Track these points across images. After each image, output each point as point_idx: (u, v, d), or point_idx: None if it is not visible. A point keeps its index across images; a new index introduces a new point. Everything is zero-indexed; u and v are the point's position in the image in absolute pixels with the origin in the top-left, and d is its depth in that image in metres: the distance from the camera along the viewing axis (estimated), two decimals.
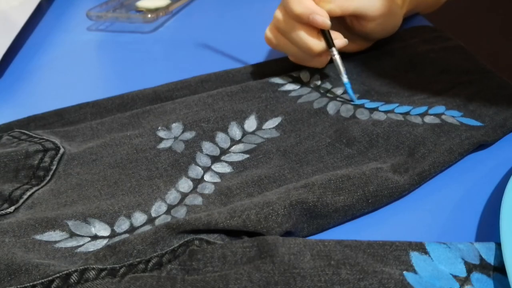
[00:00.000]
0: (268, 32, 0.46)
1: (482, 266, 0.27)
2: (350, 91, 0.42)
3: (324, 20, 0.41)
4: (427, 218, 0.33)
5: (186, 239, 0.29)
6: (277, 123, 0.40)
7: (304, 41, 0.42)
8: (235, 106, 0.41)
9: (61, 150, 0.38)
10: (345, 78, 0.42)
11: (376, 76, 0.45)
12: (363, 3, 0.43)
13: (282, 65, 0.49)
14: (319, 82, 0.45)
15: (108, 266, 0.28)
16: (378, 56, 0.48)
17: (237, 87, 0.44)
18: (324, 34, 0.42)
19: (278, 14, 0.44)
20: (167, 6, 0.66)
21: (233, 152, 0.37)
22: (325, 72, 0.46)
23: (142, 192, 0.34)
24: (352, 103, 0.42)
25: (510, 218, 0.29)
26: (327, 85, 0.44)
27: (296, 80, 0.45)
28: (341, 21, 0.47)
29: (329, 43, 0.42)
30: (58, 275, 0.27)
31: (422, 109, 0.40)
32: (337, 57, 0.43)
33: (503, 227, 0.28)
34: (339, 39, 0.43)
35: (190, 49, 0.58)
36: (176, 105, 0.42)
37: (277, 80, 0.45)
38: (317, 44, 0.42)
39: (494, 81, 0.42)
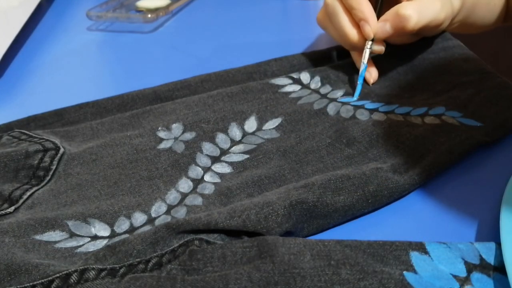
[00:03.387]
0: (319, 13, 0.48)
1: (482, 266, 0.27)
2: (361, 78, 0.43)
3: (370, 33, 0.42)
4: (427, 218, 0.33)
5: (186, 239, 0.29)
6: (277, 124, 0.40)
7: (343, 28, 0.43)
8: (235, 107, 0.41)
9: (61, 150, 0.38)
10: (363, 65, 0.43)
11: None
12: (422, 25, 0.42)
13: (282, 65, 0.49)
14: (319, 84, 0.45)
15: (108, 266, 0.28)
16: (377, 57, 0.48)
17: (237, 88, 0.44)
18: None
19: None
20: (167, 6, 0.66)
21: (233, 153, 0.37)
22: (325, 74, 0.46)
23: (142, 192, 0.34)
24: (351, 102, 0.42)
25: (510, 218, 0.29)
26: (327, 88, 0.44)
27: (296, 82, 0.45)
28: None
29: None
30: (58, 275, 0.27)
31: (422, 109, 0.40)
32: (369, 50, 0.43)
33: (503, 227, 0.28)
34: (380, 45, 0.44)
35: (190, 49, 0.58)
36: (176, 106, 0.42)
37: (277, 81, 0.45)
38: (354, 35, 0.43)
39: (494, 82, 0.42)
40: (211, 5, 0.71)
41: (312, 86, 0.44)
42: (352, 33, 0.43)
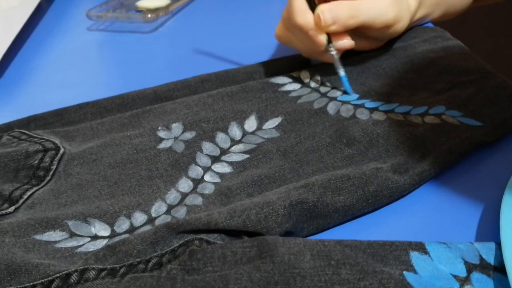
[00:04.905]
0: (278, 30, 0.47)
1: (482, 266, 0.27)
2: (346, 84, 0.43)
3: (321, 39, 0.42)
4: (427, 218, 0.32)
5: (186, 239, 0.29)
6: (277, 123, 0.40)
7: (309, 38, 0.43)
8: (235, 106, 0.41)
9: (61, 150, 0.38)
10: (342, 72, 0.43)
11: (376, 76, 0.45)
12: (369, 17, 0.42)
13: (282, 65, 0.49)
14: (319, 83, 0.45)
15: (108, 266, 0.28)
16: (378, 56, 0.48)
17: (237, 87, 0.44)
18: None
19: (285, 13, 0.45)
20: (167, 6, 0.66)
21: (233, 152, 0.37)
22: (325, 72, 0.46)
23: (142, 192, 0.34)
24: (351, 101, 0.42)
25: (510, 218, 0.29)
26: (327, 86, 0.44)
27: (296, 80, 0.45)
28: None
29: (327, 39, 0.43)
30: (58, 275, 0.27)
31: (422, 109, 0.40)
32: (333, 52, 0.43)
33: (503, 227, 0.28)
34: (346, 40, 0.43)
35: (190, 49, 0.58)
36: (176, 105, 0.42)
37: (277, 80, 0.45)
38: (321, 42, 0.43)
39: (494, 81, 0.42)
40: (211, 5, 0.71)
41: (312, 84, 0.44)
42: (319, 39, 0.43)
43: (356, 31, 0.45)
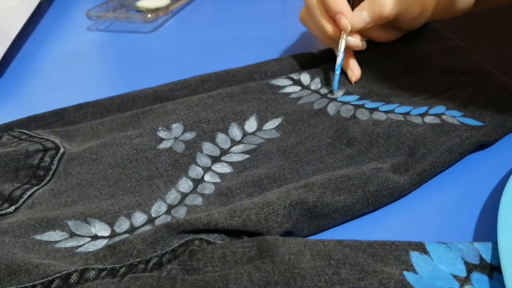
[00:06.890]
0: (301, 11, 0.49)
1: (482, 266, 0.27)
2: (338, 69, 0.43)
3: (347, 25, 0.43)
4: (427, 218, 0.33)
5: (186, 239, 0.29)
6: (277, 124, 0.40)
7: (321, 22, 0.44)
8: (236, 107, 0.41)
9: (61, 150, 0.38)
10: (340, 54, 0.43)
11: (376, 78, 0.45)
12: (398, 11, 0.43)
13: (282, 64, 0.49)
14: (319, 85, 0.45)
15: (108, 266, 0.28)
16: (377, 58, 0.48)
17: (237, 88, 0.44)
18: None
19: None
20: (167, 6, 0.66)
21: (233, 153, 0.37)
22: (325, 75, 0.46)
23: (142, 192, 0.34)
24: (351, 101, 0.42)
25: (507, 217, 0.29)
26: (327, 88, 0.44)
27: (296, 83, 0.45)
28: None
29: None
30: (58, 275, 0.27)
31: (423, 109, 0.40)
32: (344, 40, 0.44)
33: (500, 228, 0.28)
34: (356, 38, 0.44)
35: (190, 49, 0.58)
36: (176, 106, 0.42)
37: (277, 82, 0.45)
38: (330, 28, 0.44)
39: (494, 81, 0.42)
40: (211, 5, 0.71)
41: (312, 87, 0.44)
42: (328, 27, 0.44)
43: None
